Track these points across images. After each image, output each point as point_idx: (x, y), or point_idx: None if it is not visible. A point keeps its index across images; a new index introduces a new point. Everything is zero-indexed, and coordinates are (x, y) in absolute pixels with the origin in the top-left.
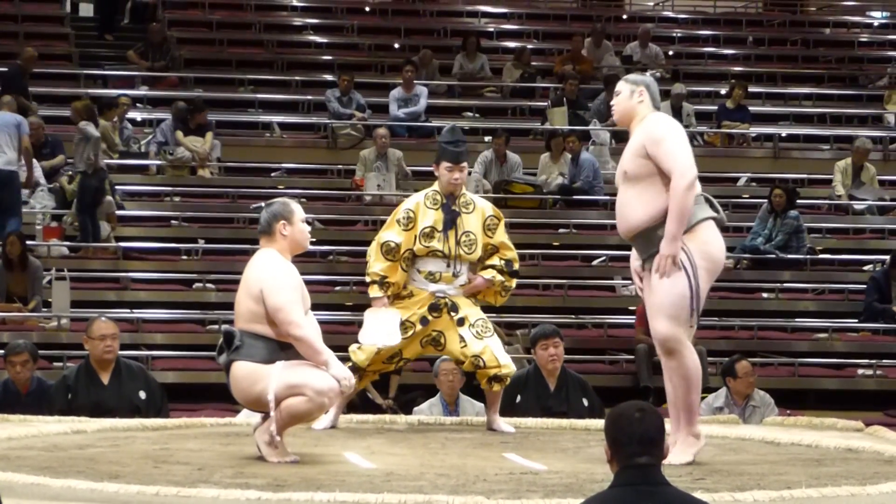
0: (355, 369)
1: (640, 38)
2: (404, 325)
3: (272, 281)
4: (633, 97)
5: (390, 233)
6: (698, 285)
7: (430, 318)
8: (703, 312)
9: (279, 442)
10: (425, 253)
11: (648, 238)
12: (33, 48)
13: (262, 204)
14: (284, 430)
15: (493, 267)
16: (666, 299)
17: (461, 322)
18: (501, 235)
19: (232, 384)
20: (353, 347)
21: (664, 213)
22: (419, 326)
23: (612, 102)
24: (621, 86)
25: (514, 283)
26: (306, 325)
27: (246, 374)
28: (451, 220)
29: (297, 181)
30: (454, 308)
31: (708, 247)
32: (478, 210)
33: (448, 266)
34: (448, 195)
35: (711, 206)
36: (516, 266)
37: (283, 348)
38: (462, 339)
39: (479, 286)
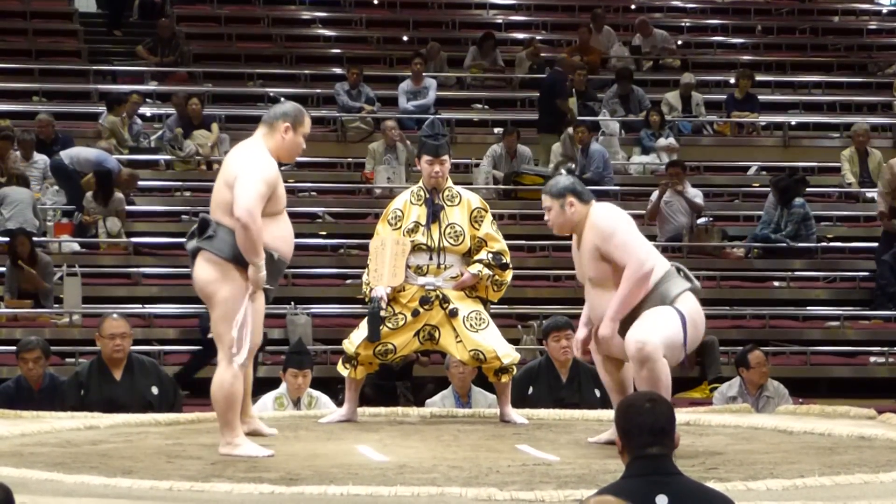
0: (348, 359)
1: (638, 28)
2: (396, 316)
3: (248, 170)
4: (565, 210)
5: (381, 230)
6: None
7: (421, 310)
8: (715, 302)
9: (236, 438)
10: (411, 248)
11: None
12: (42, 43)
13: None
14: (232, 423)
15: (479, 261)
16: (665, 327)
17: (454, 313)
18: (488, 227)
19: (194, 273)
20: (344, 341)
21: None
22: (410, 318)
23: (545, 218)
24: (548, 202)
25: (507, 276)
26: (258, 219)
27: (208, 267)
28: (434, 214)
29: (307, 174)
30: (445, 300)
31: (694, 314)
32: (464, 202)
33: (431, 258)
34: (431, 189)
35: (686, 277)
36: (506, 258)
37: None
38: (456, 333)
39: (467, 282)
